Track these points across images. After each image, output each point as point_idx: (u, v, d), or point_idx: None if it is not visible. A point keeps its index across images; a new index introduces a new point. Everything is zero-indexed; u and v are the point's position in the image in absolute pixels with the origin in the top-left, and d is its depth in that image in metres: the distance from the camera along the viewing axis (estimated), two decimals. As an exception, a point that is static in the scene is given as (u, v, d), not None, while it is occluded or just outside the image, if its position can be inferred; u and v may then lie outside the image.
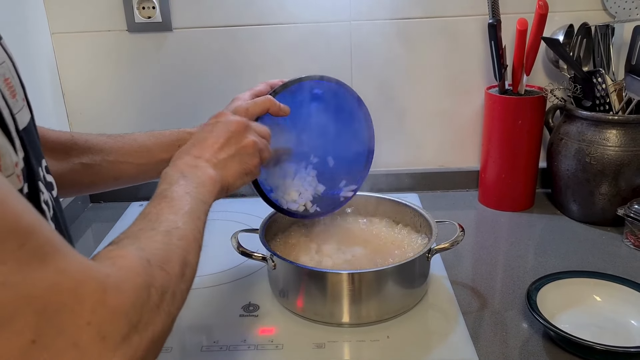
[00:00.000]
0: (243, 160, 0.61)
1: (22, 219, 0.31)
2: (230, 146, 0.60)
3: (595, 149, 0.93)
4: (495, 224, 1.02)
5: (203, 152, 0.58)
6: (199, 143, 0.60)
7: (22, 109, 0.44)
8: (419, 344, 0.69)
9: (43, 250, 0.32)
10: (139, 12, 1.05)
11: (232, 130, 0.61)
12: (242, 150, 0.61)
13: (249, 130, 0.63)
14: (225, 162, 0.59)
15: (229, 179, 0.59)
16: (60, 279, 0.32)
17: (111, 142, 0.72)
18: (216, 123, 0.62)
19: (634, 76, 0.91)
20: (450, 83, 1.10)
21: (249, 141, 0.62)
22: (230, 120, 0.62)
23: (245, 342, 0.70)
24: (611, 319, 0.71)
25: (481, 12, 1.03)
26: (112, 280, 0.35)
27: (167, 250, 0.43)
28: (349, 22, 1.06)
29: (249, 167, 0.62)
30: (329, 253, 0.79)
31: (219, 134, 0.60)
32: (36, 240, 0.31)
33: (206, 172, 0.56)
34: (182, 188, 0.51)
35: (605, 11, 1.04)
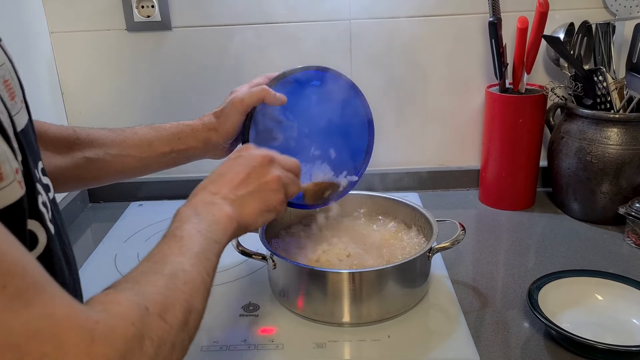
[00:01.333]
0: (265, 197, 0.57)
1: (4, 258, 0.29)
2: (250, 182, 0.56)
3: (596, 148, 0.92)
4: (496, 223, 1.02)
5: (221, 188, 0.55)
6: (218, 178, 0.56)
7: (20, 111, 0.44)
8: (420, 344, 0.69)
9: (27, 292, 0.29)
10: (138, 11, 1.04)
11: (254, 165, 0.57)
12: (264, 186, 0.57)
13: (273, 164, 0.59)
14: (244, 199, 0.55)
15: (248, 217, 0.55)
16: (44, 324, 0.29)
17: (113, 135, 0.72)
18: (238, 157, 0.59)
19: (635, 74, 0.91)
20: (450, 82, 1.10)
21: (273, 176, 0.58)
22: (253, 154, 0.58)
23: (246, 342, 0.69)
24: (613, 317, 0.71)
25: (481, 10, 1.03)
26: (101, 328, 0.32)
27: (169, 296, 0.40)
28: (348, 21, 1.05)
29: (272, 203, 0.58)
30: (329, 252, 0.79)
31: (239, 169, 0.57)
32: (20, 282, 0.29)
33: (222, 210, 0.52)
34: (193, 226, 0.48)
35: (606, 9, 1.03)
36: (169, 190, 1.14)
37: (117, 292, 0.38)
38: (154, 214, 1.06)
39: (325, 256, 0.78)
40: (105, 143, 0.71)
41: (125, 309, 0.35)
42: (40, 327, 0.29)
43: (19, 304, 0.29)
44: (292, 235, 0.86)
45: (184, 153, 0.74)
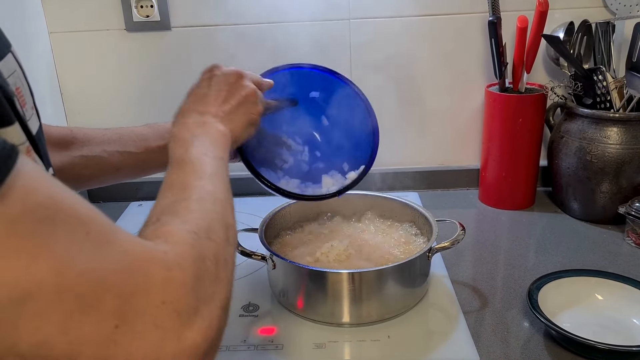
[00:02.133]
0: (247, 110, 0.60)
1: (80, 208, 0.32)
2: (233, 97, 0.59)
3: (596, 147, 0.92)
4: (495, 222, 1.02)
5: (208, 107, 0.57)
6: (201, 98, 0.59)
7: (31, 117, 0.45)
8: (420, 344, 0.69)
9: (106, 235, 0.32)
10: (137, 11, 1.04)
11: (231, 81, 0.60)
12: (245, 99, 0.60)
13: (246, 78, 0.62)
14: (231, 115, 0.58)
15: (237, 131, 0.59)
16: (129, 260, 0.32)
17: (109, 134, 0.73)
18: (212, 77, 0.61)
19: (635, 73, 0.90)
20: (450, 81, 1.10)
21: (250, 90, 0.61)
22: (226, 72, 0.61)
23: (245, 342, 0.69)
24: (613, 317, 0.71)
25: (481, 9, 1.03)
26: (172, 257, 0.35)
27: (207, 218, 0.42)
28: (348, 21, 1.05)
29: (253, 116, 0.61)
30: (329, 252, 0.79)
31: (219, 87, 0.60)
32: (99, 227, 0.32)
33: (216, 129, 0.55)
34: (198, 150, 0.51)
35: (605, 8, 1.03)
36: (168, 190, 1.14)
37: (164, 225, 0.40)
38: (154, 214, 1.06)
39: (325, 256, 0.78)
40: (102, 141, 0.72)
41: (180, 237, 0.38)
42: (127, 263, 0.32)
43: (104, 246, 0.32)
44: (292, 235, 0.85)
45: None
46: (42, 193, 0.30)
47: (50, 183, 0.32)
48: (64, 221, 0.30)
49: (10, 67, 0.43)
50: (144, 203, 1.13)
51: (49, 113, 1.07)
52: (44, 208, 0.30)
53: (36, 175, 0.31)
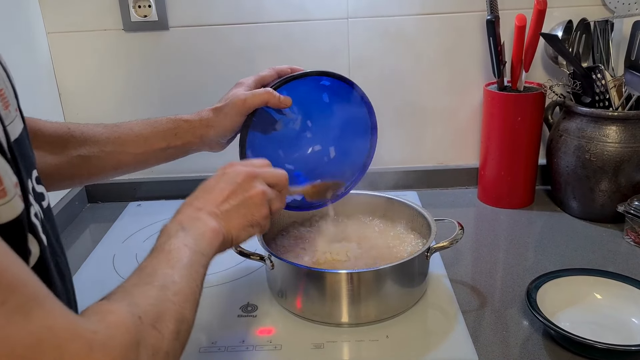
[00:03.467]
0: (249, 212, 0.58)
1: (5, 274, 0.30)
2: (235, 197, 0.57)
3: (595, 146, 0.92)
4: (494, 221, 1.02)
5: (206, 204, 0.56)
6: (203, 195, 0.57)
7: (14, 120, 0.44)
8: (419, 344, 0.69)
9: (27, 306, 0.30)
10: (135, 11, 1.04)
11: (238, 181, 0.58)
12: (248, 200, 0.58)
13: (257, 179, 0.60)
14: (229, 214, 0.56)
15: (233, 231, 0.56)
16: (45, 336, 0.30)
17: (107, 132, 0.71)
18: (223, 175, 0.59)
19: (634, 72, 0.90)
20: (448, 80, 1.09)
21: (257, 191, 0.58)
22: (237, 171, 0.59)
23: (244, 343, 0.69)
24: (612, 316, 0.71)
25: (479, 8, 1.03)
26: (99, 337, 0.33)
27: (161, 307, 0.41)
28: (346, 20, 1.05)
29: (256, 218, 0.58)
30: (328, 252, 0.79)
31: (223, 185, 0.58)
32: (20, 296, 0.30)
33: (207, 224, 0.53)
34: (180, 240, 0.49)
35: (604, 6, 1.03)
36: (167, 190, 1.14)
37: (111, 303, 0.38)
38: (153, 214, 1.06)
39: (323, 256, 0.78)
40: (99, 140, 0.71)
41: (121, 319, 0.36)
42: (42, 339, 0.30)
43: (20, 318, 0.29)
44: (291, 236, 0.85)
45: (180, 148, 0.74)
46: None
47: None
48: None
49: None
50: (142, 203, 1.13)
51: (47, 113, 1.06)
52: None
53: None
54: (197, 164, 1.15)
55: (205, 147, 0.75)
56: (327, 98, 0.78)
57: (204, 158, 1.14)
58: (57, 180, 0.69)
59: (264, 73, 0.74)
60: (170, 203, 1.12)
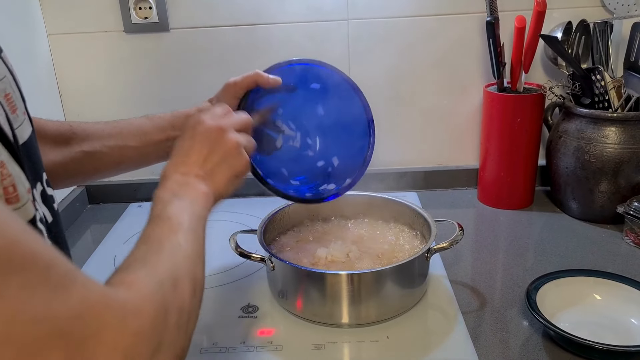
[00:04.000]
0: (230, 165, 0.60)
1: (41, 252, 0.31)
2: (214, 154, 0.59)
3: (594, 147, 0.93)
4: (494, 222, 1.02)
5: (190, 168, 0.57)
6: (184, 159, 0.58)
7: (22, 123, 0.44)
8: (419, 344, 0.69)
9: (64, 281, 0.32)
10: (136, 13, 1.04)
11: (213, 138, 0.59)
12: (227, 154, 0.60)
13: (229, 130, 0.61)
14: (213, 172, 0.58)
15: (220, 188, 0.58)
16: (84, 307, 0.32)
17: (109, 128, 0.72)
18: (195, 134, 0.60)
19: (633, 73, 0.91)
20: (448, 81, 1.10)
21: (232, 143, 0.60)
22: (208, 127, 0.60)
23: (245, 344, 0.69)
24: (611, 317, 0.71)
25: (479, 9, 1.03)
26: (131, 305, 0.35)
27: (175, 271, 0.43)
28: (346, 21, 1.05)
29: (238, 169, 0.61)
30: (328, 253, 0.79)
31: (200, 145, 0.59)
32: (57, 273, 0.32)
33: (197, 189, 0.55)
34: (177, 207, 0.51)
35: (603, 8, 1.03)
36: (167, 191, 1.14)
37: (131, 273, 0.40)
38: (153, 215, 1.06)
39: (324, 257, 0.78)
40: (101, 136, 0.71)
41: (145, 287, 0.38)
42: (82, 310, 0.32)
43: (61, 293, 0.31)
44: (291, 237, 0.86)
45: None
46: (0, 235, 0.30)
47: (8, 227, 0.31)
48: (20, 267, 0.30)
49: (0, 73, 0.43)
50: (143, 204, 1.13)
51: (48, 114, 1.05)
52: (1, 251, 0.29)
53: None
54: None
55: None
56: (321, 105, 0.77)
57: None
58: (61, 178, 0.70)
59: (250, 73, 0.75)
60: (170, 204, 1.12)
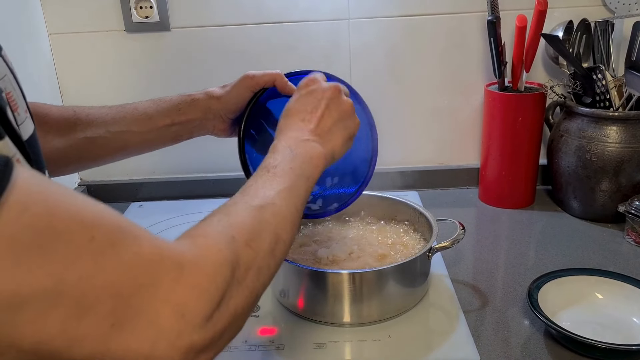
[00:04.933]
0: (346, 125, 0.61)
1: (85, 212, 0.32)
2: (331, 113, 0.60)
3: (595, 146, 0.93)
4: (495, 221, 1.02)
5: (308, 124, 0.58)
6: (303, 115, 0.59)
7: (25, 121, 0.44)
8: (421, 343, 0.69)
9: (113, 238, 0.32)
10: (137, 12, 1.04)
11: (329, 96, 0.60)
12: (344, 114, 0.61)
13: (343, 92, 0.63)
14: (331, 131, 0.59)
15: (336, 149, 0.59)
16: (135, 261, 0.33)
17: (112, 113, 0.71)
18: (311, 92, 0.61)
19: (634, 72, 0.90)
20: (449, 80, 1.10)
21: (348, 103, 0.62)
22: (324, 87, 0.61)
23: (247, 343, 0.70)
24: (613, 316, 0.71)
25: (480, 9, 1.03)
26: (189, 258, 0.35)
27: (256, 225, 0.43)
28: (347, 20, 1.05)
29: (352, 129, 0.62)
30: (330, 253, 0.79)
31: (317, 102, 0.60)
32: (104, 230, 0.32)
33: (315, 149, 0.56)
34: (287, 163, 0.52)
35: (604, 7, 1.03)
36: (169, 190, 1.15)
37: (207, 225, 0.41)
38: (154, 215, 1.07)
39: (325, 257, 0.78)
40: (105, 121, 0.71)
41: (212, 240, 0.39)
42: (133, 264, 0.33)
43: (109, 249, 0.32)
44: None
45: (184, 125, 0.72)
46: (40, 204, 0.30)
47: (50, 190, 0.32)
48: (65, 229, 0.31)
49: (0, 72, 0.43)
50: (144, 204, 1.13)
51: (49, 114, 1.07)
52: (43, 219, 0.30)
53: (34, 186, 0.31)
54: (198, 164, 1.16)
55: (209, 125, 0.73)
56: None
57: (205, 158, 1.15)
58: (65, 164, 0.70)
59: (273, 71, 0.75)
60: (172, 203, 1.13)
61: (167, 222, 1.03)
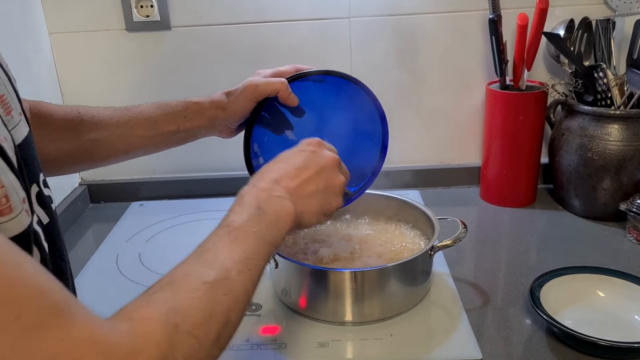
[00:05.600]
0: (326, 199, 0.57)
1: (17, 286, 0.29)
2: (318, 180, 0.56)
3: (597, 144, 0.92)
4: (497, 220, 1.02)
5: (289, 181, 0.54)
6: (287, 168, 0.55)
7: (18, 124, 0.44)
8: (422, 342, 0.69)
9: (43, 318, 0.29)
10: (137, 11, 1.04)
11: (324, 165, 0.57)
12: (330, 189, 0.57)
13: (341, 168, 0.59)
14: (309, 197, 0.55)
15: (306, 216, 0.55)
16: (61, 349, 0.29)
17: (117, 116, 0.71)
18: (310, 152, 0.57)
19: (635, 70, 0.90)
20: (451, 79, 1.10)
21: (340, 181, 0.58)
22: (325, 154, 0.58)
23: (249, 342, 0.70)
24: (614, 314, 0.71)
25: (481, 7, 1.03)
26: (122, 351, 0.32)
27: (206, 310, 0.39)
28: (348, 19, 1.05)
29: (331, 207, 0.58)
30: (331, 251, 0.79)
31: (310, 165, 0.56)
32: (35, 309, 0.29)
33: (284, 207, 0.51)
34: (251, 225, 0.47)
35: (606, 5, 1.03)
36: (170, 190, 1.15)
37: (149, 306, 0.37)
38: (155, 214, 1.07)
39: (327, 256, 0.78)
40: (110, 124, 0.70)
41: (153, 328, 0.35)
42: (58, 352, 0.29)
43: (35, 332, 0.28)
44: (295, 235, 0.85)
45: (190, 131, 0.72)
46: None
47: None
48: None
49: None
50: (145, 203, 1.13)
51: (50, 114, 1.07)
52: None
53: None
54: (199, 163, 1.16)
55: (214, 131, 0.74)
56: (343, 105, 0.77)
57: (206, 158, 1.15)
58: (69, 164, 0.70)
59: (283, 68, 0.73)
60: (173, 203, 1.13)
61: (167, 221, 1.03)
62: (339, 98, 0.76)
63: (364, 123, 0.77)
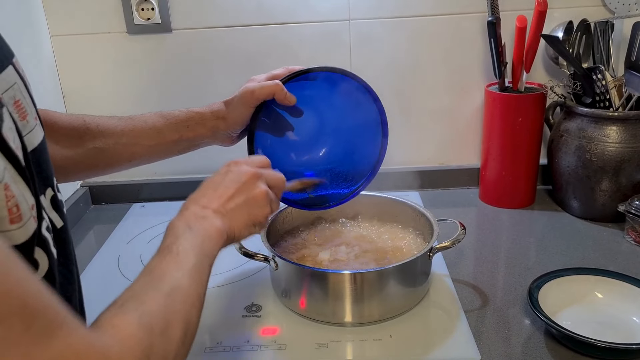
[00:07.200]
0: (251, 212, 0.59)
1: (29, 299, 0.31)
2: (240, 196, 0.58)
3: (595, 146, 0.93)
4: (496, 221, 1.02)
5: (211, 202, 0.57)
6: (209, 192, 0.58)
7: (33, 129, 0.44)
8: (422, 343, 0.69)
9: (50, 328, 0.32)
10: (138, 14, 1.05)
11: (243, 180, 0.59)
12: (252, 201, 0.59)
13: (261, 180, 0.61)
14: (234, 212, 0.57)
15: (236, 229, 0.58)
16: (66, 354, 0.32)
17: (122, 125, 0.72)
18: (227, 172, 0.60)
19: (634, 72, 0.91)
20: (450, 81, 1.10)
21: (260, 192, 0.60)
22: (242, 170, 0.60)
23: (249, 343, 0.70)
24: (612, 315, 0.72)
25: (480, 9, 1.03)
26: (115, 352, 0.36)
27: (169, 314, 0.43)
28: (348, 22, 1.06)
29: (258, 217, 0.60)
30: (331, 253, 0.79)
31: (229, 184, 0.59)
32: (43, 319, 0.31)
33: (213, 224, 0.54)
34: (187, 242, 0.50)
35: (604, 7, 1.04)
36: (171, 191, 1.15)
37: (123, 313, 0.40)
38: (157, 215, 1.07)
39: (327, 257, 0.78)
40: (114, 132, 0.72)
41: (133, 332, 0.38)
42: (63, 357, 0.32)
43: (44, 339, 0.31)
44: (295, 236, 0.86)
45: (193, 140, 0.75)
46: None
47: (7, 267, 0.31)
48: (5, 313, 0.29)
49: (9, 81, 0.43)
50: (146, 204, 1.14)
51: (52, 116, 1.07)
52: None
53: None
54: (200, 165, 1.16)
55: (216, 140, 0.76)
56: (339, 100, 0.77)
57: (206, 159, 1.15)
58: (74, 172, 0.71)
59: (276, 71, 0.74)
60: (173, 204, 1.13)
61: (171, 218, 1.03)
62: (333, 92, 0.76)
63: (362, 111, 0.78)
